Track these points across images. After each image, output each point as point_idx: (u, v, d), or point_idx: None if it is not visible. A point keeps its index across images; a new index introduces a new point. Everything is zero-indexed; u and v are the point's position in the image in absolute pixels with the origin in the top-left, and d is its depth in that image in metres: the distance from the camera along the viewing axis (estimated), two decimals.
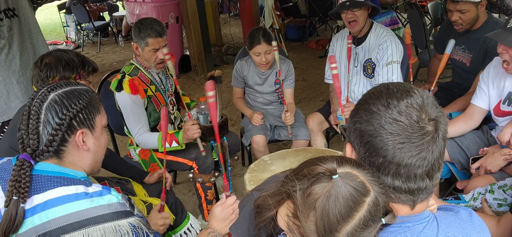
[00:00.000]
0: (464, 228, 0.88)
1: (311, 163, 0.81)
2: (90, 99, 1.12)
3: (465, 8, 2.24)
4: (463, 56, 2.47)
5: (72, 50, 1.65)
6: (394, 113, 0.79)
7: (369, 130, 0.81)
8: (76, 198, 1.02)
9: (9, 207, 0.98)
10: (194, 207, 2.63)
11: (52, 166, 1.07)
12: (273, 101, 2.67)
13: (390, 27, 5.35)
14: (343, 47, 2.53)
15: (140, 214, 1.12)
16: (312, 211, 0.75)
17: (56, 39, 8.61)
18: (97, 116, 1.15)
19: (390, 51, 2.30)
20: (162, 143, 1.68)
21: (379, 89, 0.85)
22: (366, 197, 0.75)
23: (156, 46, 2.04)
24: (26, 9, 2.74)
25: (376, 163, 0.81)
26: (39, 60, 1.57)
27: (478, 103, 1.95)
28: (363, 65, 2.45)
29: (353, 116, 0.87)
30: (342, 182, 0.75)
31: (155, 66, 2.12)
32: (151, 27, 2.02)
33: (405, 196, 0.82)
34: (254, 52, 2.39)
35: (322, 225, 0.74)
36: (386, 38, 2.32)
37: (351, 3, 2.25)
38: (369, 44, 2.40)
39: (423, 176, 0.80)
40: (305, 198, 0.76)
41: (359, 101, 0.88)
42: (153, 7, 4.92)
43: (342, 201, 0.73)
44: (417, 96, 0.81)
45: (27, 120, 1.06)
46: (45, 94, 1.07)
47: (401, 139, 0.78)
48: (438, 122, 0.80)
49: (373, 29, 2.40)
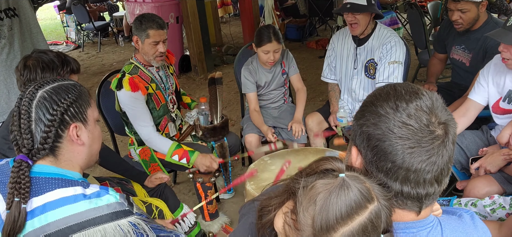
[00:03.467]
0: (467, 233, 0.87)
1: (321, 159, 0.79)
2: (79, 92, 1.12)
3: (466, 8, 2.24)
4: (463, 55, 2.47)
5: (54, 50, 1.62)
6: (404, 116, 0.76)
7: (377, 134, 0.78)
8: (74, 200, 1.02)
9: (12, 209, 0.98)
10: None
11: (49, 167, 1.07)
12: (277, 100, 2.67)
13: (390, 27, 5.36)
14: (344, 45, 2.50)
15: (139, 211, 1.12)
16: (312, 205, 0.73)
17: (56, 39, 8.61)
18: (88, 109, 1.14)
19: (395, 51, 2.27)
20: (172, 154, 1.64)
21: (386, 91, 0.82)
22: (369, 204, 0.73)
23: (157, 38, 2.04)
24: (27, 9, 2.75)
25: (384, 168, 0.78)
26: (20, 64, 1.55)
27: (475, 97, 1.95)
28: (365, 65, 2.42)
29: (359, 119, 0.83)
30: (348, 182, 0.73)
31: (155, 59, 2.11)
32: (152, 20, 2.03)
33: (412, 202, 0.80)
34: (263, 50, 2.38)
35: (319, 221, 0.71)
36: (390, 38, 2.29)
37: (352, 7, 2.23)
38: (371, 45, 2.37)
39: (432, 181, 0.78)
40: (308, 191, 0.74)
41: (364, 103, 0.85)
42: (153, 7, 4.93)
43: (344, 200, 0.71)
44: (426, 98, 0.78)
45: (18, 120, 1.06)
46: (33, 92, 1.07)
47: (411, 143, 0.75)
48: (448, 126, 0.78)
49: (376, 29, 2.36)
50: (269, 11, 5.23)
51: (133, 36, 2.09)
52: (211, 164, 2.08)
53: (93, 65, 6.48)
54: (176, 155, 2.08)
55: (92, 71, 6.11)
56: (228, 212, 2.57)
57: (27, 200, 1.00)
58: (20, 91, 1.61)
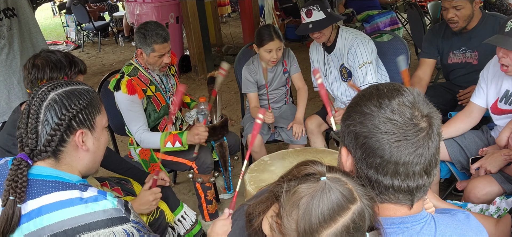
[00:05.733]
0: (461, 229, 0.89)
1: (302, 164, 0.82)
2: (90, 99, 1.12)
3: (460, 4, 2.23)
4: (466, 57, 2.43)
5: (62, 50, 1.64)
6: (387, 112, 0.79)
7: (364, 131, 0.81)
8: (70, 204, 1.01)
9: (6, 207, 0.98)
10: (194, 207, 2.63)
11: (47, 169, 1.07)
12: (279, 100, 2.67)
13: (390, 27, 5.35)
14: (319, 56, 2.60)
15: (136, 219, 1.10)
16: (295, 210, 0.75)
17: (56, 39, 8.62)
18: (98, 116, 1.14)
19: (360, 53, 2.31)
20: (164, 141, 1.61)
21: (369, 91, 0.85)
22: (352, 204, 0.74)
23: (162, 52, 2.05)
24: (26, 9, 2.75)
25: (373, 164, 0.81)
26: (28, 62, 1.56)
27: (476, 101, 1.95)
28: (339, 71, 2.49)
29: (346, 120, 0.86)
30: (329, 185, 0.74)
31: (159, 70, 2.13)
32: (156, 33, 2.01)
33: (403, 196, 0.83)
34: (266, 49, 2.38)
35: (303, 225, 0.73)
36: (352, 41, 2.34)
37: (314, 26, 2.28)
38: (339, 50, 2.43)
39: (422, 173, 0.80)
40: (290, 196, 0.76)
41: (349, 104, 0.88)
42: (153, 7, 4.92)
43: (326, 203, 0.73)
44: (407, 94, 0.81)
45: (27, 119, 1.05)
46: (45, 93, 1.06)
47: (396, 137, 0.78)
48: (431, 118, 0.80)
49: (339, 34, 2.42)
50: (269, 11, 5.23)
51: (137, 48, 2.08)
52: (201, 133, 2.04)
53: (93, 65, 6.48)
54: (168, 142, 2.07)
55: (92, 71, 6.11)
56: None
57: (23, 200, 1.00)
58: (25, 89, 1.61)
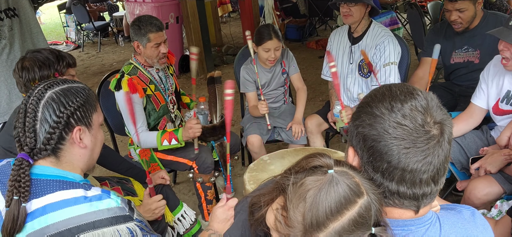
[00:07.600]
0: (466, 228, 0.87)
1: (309, 157, 0.80)
2: (87, 96, 1.12)
3: (463, 7, 2.23)
4: (468, 56, 2.43)
5: (47, 48, 1.63)
6: (398, 116, 0.76)
7: (373, 134, 0.78)
8: (75, 202, 1.02)
9: (11, 207, 0.98)
10: (194, 207, 2.63)
11: (50, 169, 1.07)
12: (278, 100, 2.67)
13: (390, 27, 5.36)
14: (340, 43, 2.50)
15: (139, 217, 1.11)
16: (302, 202, 0.74)
17: (56, 39, 8.62)
18: (94, 113, 1.15)
19: (388, 52, 2.25)
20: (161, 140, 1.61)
21: (381, 91, 0.82)
22: (359, 198, 0.73)
23: (158, 40, 2.04)
24: (27, 9, 2.75)
25: (380, 168, 0.79)
26: (17, 67, 1.55)
27: (477, 102, 1.95)
28: (358, 65, 2.41)
29: (355, 120, 0.84)
30: (337, 178, 0.74)
31: (158, 62, 2.11)
32: (150, 23, 2.02)
33: (409, 201, 0.81)
34: (264, 48, 2.38)
35: (309, 217, 0.72)
36: (383, 38, 2.27)
37: None
38: (365, 44, 2.35)
39: (429, 181, 0.78)
40: (297, 188, 0.75)
41: (360, 104, 0.86)
42: (153, 7, 4.92)
43: (333, 196, 0.72)
44: (421, 98, 0.78)
45: (24, 118, 1.05)
46: (42, 92, 1.07)
47: (406, 144, 0.75)
48: (443, 125, 0.78)
49: (371, 28, 2.35)
50: (269, 11, 5.23)
51: (133, 41, 2.08)
52: (193, 126, 2.03)
53: (93, 65, 6.48)
54: (165, 140, 2.07)
55: (92, 71, 6.11)
56: None
57: (27, 199, 1.00)
58: (21, 93, 1.61)
